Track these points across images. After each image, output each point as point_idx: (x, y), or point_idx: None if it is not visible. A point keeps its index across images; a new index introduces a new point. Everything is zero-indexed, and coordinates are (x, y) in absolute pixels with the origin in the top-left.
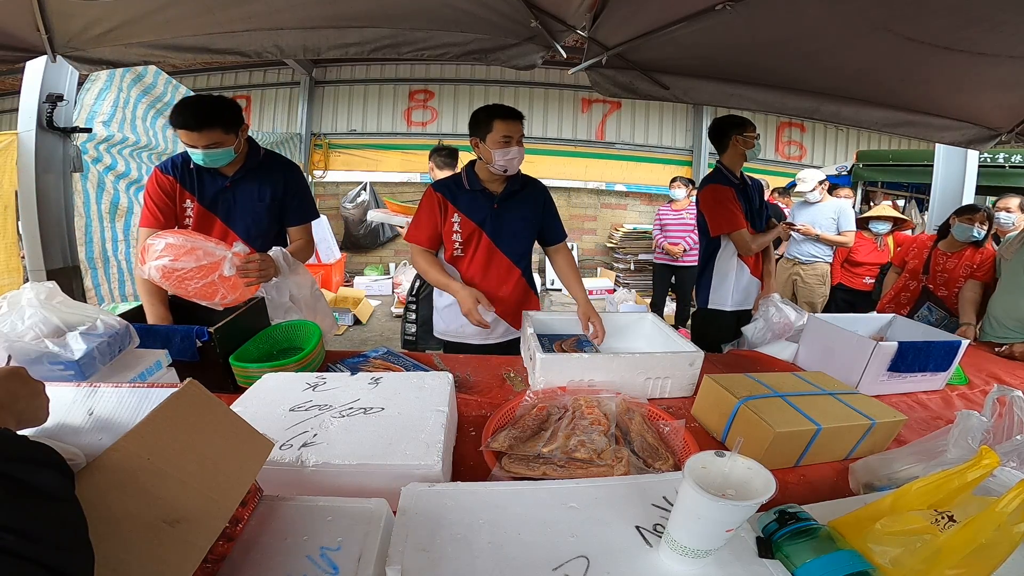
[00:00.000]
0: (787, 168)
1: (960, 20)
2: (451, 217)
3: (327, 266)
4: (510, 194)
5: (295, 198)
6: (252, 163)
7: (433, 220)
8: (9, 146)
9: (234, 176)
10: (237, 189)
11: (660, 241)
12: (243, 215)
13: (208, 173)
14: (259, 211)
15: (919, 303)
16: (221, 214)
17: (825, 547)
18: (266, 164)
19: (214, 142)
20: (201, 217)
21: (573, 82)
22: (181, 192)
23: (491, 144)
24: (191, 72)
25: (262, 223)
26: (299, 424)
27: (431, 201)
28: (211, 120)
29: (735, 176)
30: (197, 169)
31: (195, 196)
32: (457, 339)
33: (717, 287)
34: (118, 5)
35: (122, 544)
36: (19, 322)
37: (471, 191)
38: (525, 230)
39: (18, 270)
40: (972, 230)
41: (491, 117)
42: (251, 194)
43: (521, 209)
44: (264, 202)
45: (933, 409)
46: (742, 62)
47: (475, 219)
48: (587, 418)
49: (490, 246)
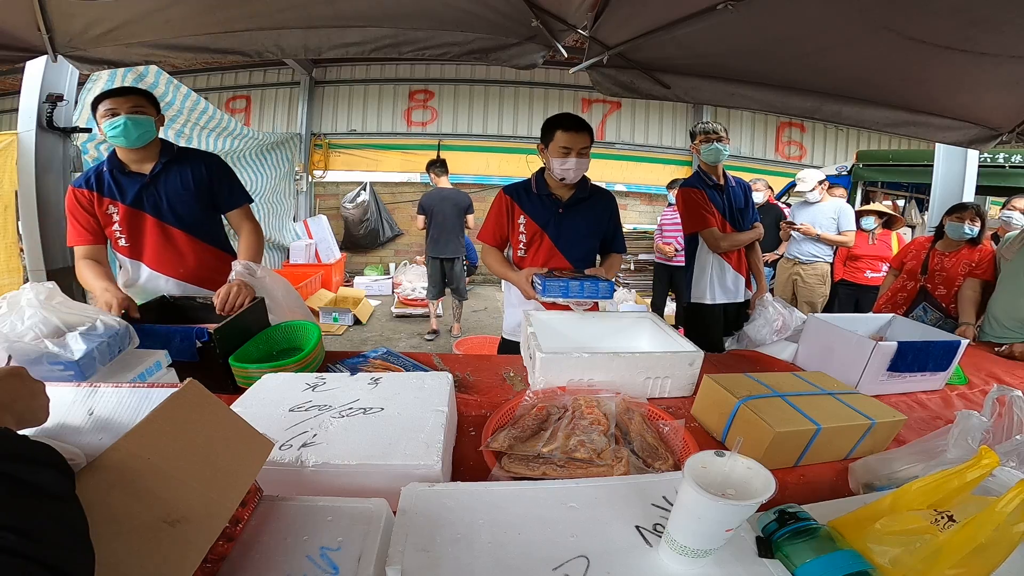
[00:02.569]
0: (787, 168)
1: (962, 20)
2: (517, 219)
3: (327, 266)
4: (576, 201)
5: (221, 182)
6: (168, 156)
7: (500, 220)
8: (9, 146)
9: (153, 171)
10: (158, 182)
11: (657, 241)
12: (172, 205)
13: (125, 176)
14: (187, 199)
15: (915, 304)
16: (149, 209)
17: (825, 547)
18: (183, 156)
19: (138, 106)
20: (129, 217)
21: (573, 82)
22: (100, 200)
23: (552, 152)
24: (191, 72)
25: (194, 211)
26: (299, 424)
27: (500, 203)
28: (134, 90)
29: (710, 178)
30: (112, 174)
31: (117, 200)
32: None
33: (697, 282)
34: (119, 5)
35: (122, 544)
36: (19, 322)
37: (538, 195)
38: (588, 237)
39: (18, 270)
40: (963, 227)
41: (555, 127)
42: (174, 184)
43: (585, 216)
44: (190, 189)
45: (933, 409)
46: (743, 62)
47: (539, 222)
48: (587, 418)
49: (551, 248)
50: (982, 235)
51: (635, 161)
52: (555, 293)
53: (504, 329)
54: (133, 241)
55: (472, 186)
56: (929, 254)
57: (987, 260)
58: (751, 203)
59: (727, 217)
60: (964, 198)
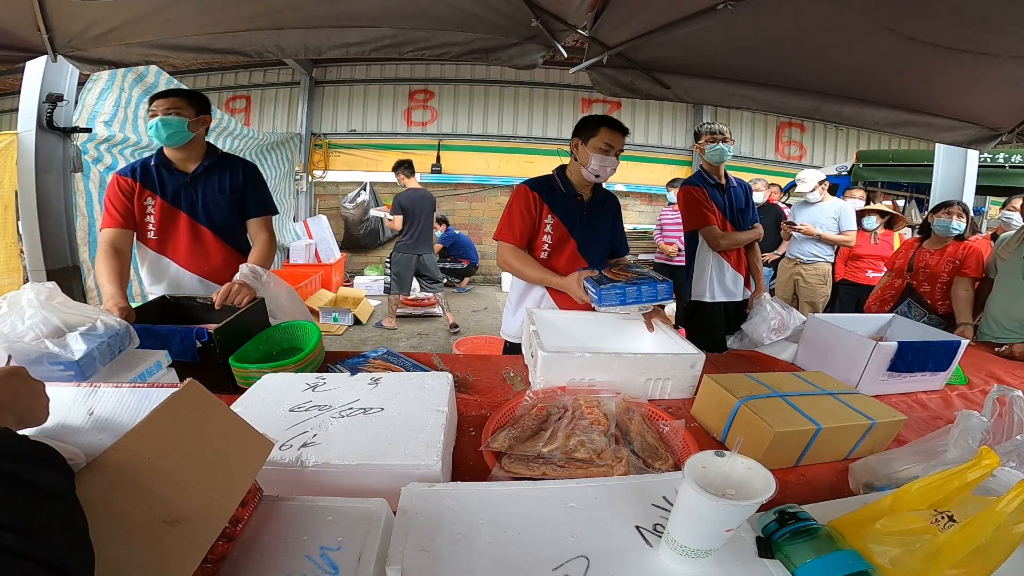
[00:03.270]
0: (787, 168)
1: (962, 20)
2: (545, 217)
3: (327, 266)
4: (598, 202)
5: (255, 189)
6: (211, 160)
7: (529, 216)
8: (9, 146)
9: (195, 172)
10: (198, 184)
11: (658, 241)
12: (206, 206)
13: (168, 172)
14: (221, 203)
15: (901, 300)
16: (185, 208)
17: (825, 547)
18: (224, 161)
19: (174, 107)
20: (164, 212)
21: (573, 82)
22: (142, 192)
23: (592, 148)
24: (191, 72)
25: (225, 214)
26: (299, 424)
27: (525, 197)
28: (177, 91)
29: (712, 178)
30: (157, 169)
31: (156, 193)
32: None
33: (697, 280)
34: (119, 5)
35: (122, 543)
36: (19, 322)
37: (565, 194)
38: (604, 240)
39: (18, 270)
40: (951, 223)
41: (599, 123)
42: (212, 187)
43: (604, 218)
44: (225, 194)
45: (933, 409)
46: (744, 62)
47: (567, 223)
48: (587, 418)
49: (574, 252)
50: (967, 231)
51: (635, 161)
52: (612, 301)
53: (504, 330)
54: (163, 235)
55: (472, 186)
56: (916, 252)
57: (973, 257)
58: (751, 204)
59: (727, 217)
60: (964, 198)
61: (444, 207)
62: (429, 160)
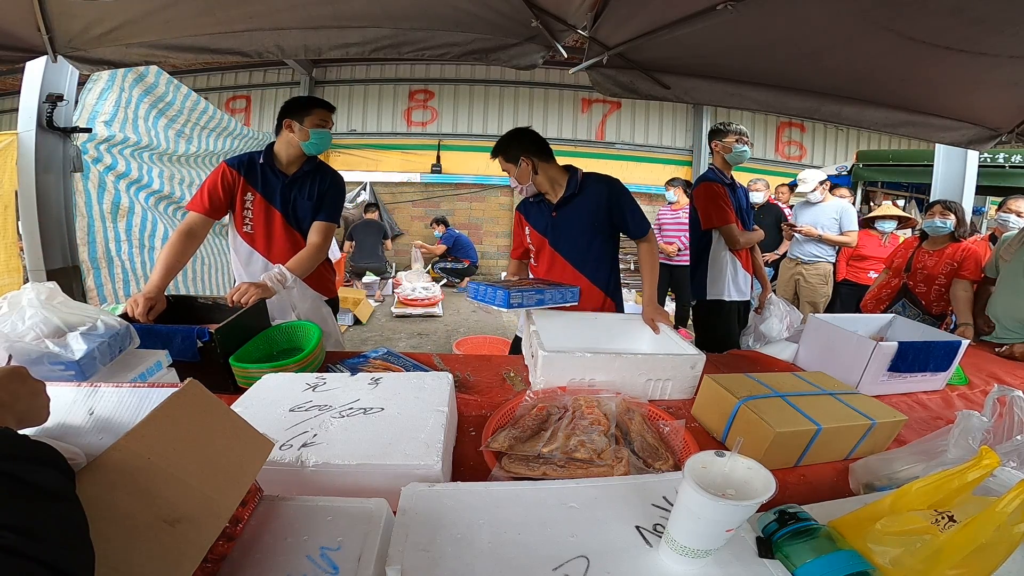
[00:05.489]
0: (787, 168)
1: (962, 20)
2: (525, 229)
3: None
4: (565, 200)
5: (332, 197)
6: (309, 166)
7: (519, 234)
8: (9, 146)
9: (295, 175)
10: (294, 186)
11: (659, 240)
12: (296, 208)
13: (272, 172)
14: (308, 207)
15: (896, 300)
16: (279, 207)
17: (825, 547)
18: (318, 168)
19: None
20: (263, 209)
21: (573, 82)
22: (244, 186)
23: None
24: (191, 72)
25: (310, 218)
26: (299, 424)
27: (517, 217)
28: (329, 104)
29: (727, 176)
30: (262, 167)
31: (257, 190)
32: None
33: (715, 279)
34: (119, 5)
35: (122, 543)
36: (19, 322)
37: (535, 203)
38: (584, 234)
39: (18, 270)
40: (935, 221)
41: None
42: (304, 191)
43: (578, 212)
44: (313, 199)
45: (933, 409)
46: (743, 62)
47: (539, 229)
48: (587, 418)
49: (552, 253)
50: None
51: (635, 161)
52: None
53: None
54: (258, 230)
55: (472, 186)
56: (915, 253)
57: (971, 260)
58: (750, 206)
59: (737, 215)
60: (964, 198)
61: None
62: (429, 160)
